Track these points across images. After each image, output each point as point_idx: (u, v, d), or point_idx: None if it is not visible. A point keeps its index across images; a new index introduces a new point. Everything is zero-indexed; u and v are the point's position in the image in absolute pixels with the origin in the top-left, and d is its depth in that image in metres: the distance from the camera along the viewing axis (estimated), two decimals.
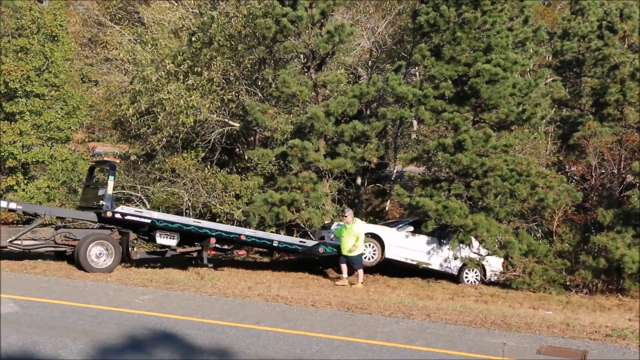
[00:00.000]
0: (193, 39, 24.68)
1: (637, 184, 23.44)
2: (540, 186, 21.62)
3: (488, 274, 21.75)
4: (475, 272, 21.61)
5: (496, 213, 21.53)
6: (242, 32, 24.89)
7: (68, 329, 10.08)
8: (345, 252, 19.20)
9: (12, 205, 17.55)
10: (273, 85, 23.72)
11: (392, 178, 28.78)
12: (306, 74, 23.48)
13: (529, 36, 23.25)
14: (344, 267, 19.35)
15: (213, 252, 19.17)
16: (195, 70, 24.44)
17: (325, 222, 22.13)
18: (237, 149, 28.31)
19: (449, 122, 21.92)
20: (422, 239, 21.42)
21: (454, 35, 21.82)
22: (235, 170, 26.55)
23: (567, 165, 26.11)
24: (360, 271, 19.28)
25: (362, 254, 19.48)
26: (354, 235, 19.04)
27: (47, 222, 17.86)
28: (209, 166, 25.40)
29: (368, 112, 27.72)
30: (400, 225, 21.70)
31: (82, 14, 41.45)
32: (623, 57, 25.04)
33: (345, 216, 19.52)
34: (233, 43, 25.04)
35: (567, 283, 21.32)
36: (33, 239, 17.04)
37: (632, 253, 20.13)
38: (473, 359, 10.20)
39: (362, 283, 18.97)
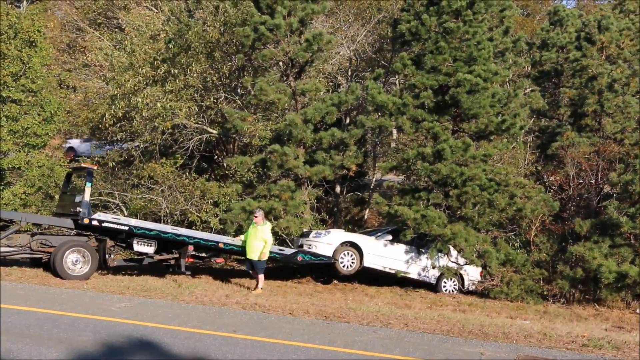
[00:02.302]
0: (170, 45, 24.61)
1: (614, 194, 23.60)
2: (518, 196, 21.72)
3: (466, 283, 21.82)
4: (454, 281, 21.66)
5: (474, 222, 21.59)
6: (220, 40, 24.85)
7: (43, 337, 9.96)
8: (249, 255, 18.19)
9: None
10: (252, 93, 23.68)
11: (371, 187, 28.83)
12: (285, 82, 23.47)
13: (508, 46, 23.39)
14: (261, 277, 18.22)
15: (191, 260, 19.07)
16: (173, 73, 24.35)
17: (304, 230, 22.09)
18: (216, 156, 28.21)
19: (428, 131, 21.97)
20: (401, 247, 21.44)
21: (436, 44, 21.89)
22: (213, 177, 26.45)
23: (545, 175, 26.25)
24: (261, 276, 18.17)
25: (265, 260, 18.27)
26: (262, 239, 18.00)
27: (23, 228, 17.68)
28: (187, 173, 25.30)
29: (347, 120, 27.76)
30: (379, 233, 21.71)
31: (60, 19, 41.20)
32: (601, 68, 25.26)
33: (255, 216, 18.40)
34: (210, 50, 24.98)
35: (545, 293, 21.42)
36: (8, 246, 16.83)
37: (609, 263, 20.26)
38: None
39: (261, 289, 17.95)
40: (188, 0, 27.09)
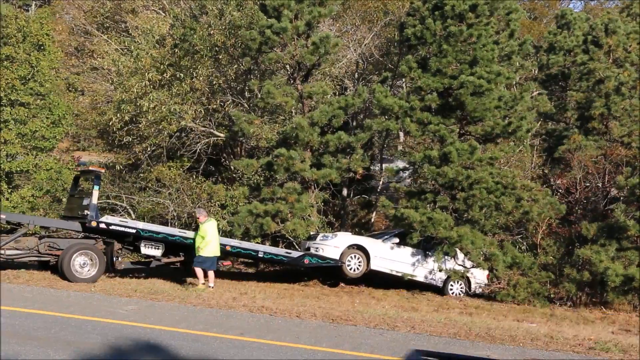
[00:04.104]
0: (175, 50, 24.70)
1: (621, 198, 23.56)
2: (525, 199, 21.71)
3: (473, 286, 21.81)
4: (460, 284, 21.66)
5: (481, 225, 21.59)
6: (225, 43, 24.90)
7: (50, 340, 10.01)
8: (197, 252, 17.54)
9: None
10: (259, 96, 23.74)
11: (378, 189, 28.82)
12: (292, 85, 23.51)
13: (514, 50, 23.36)
14: (197, 271, 17.53)
15: None
16: (178, 76, 24.44)
17: (311, 233, 22.12)
18: (223, 159, 28.27)
19: (434, 134, 21.99)
20: (408, 250, 21.45)
21: (440, 48, 21.94)
22: (221, 180, 26.52)
23: (552, 179, 26.22)
24: (210, 273, 17.49)
25: (214, 257, 17.61)
26: (201, 235, 17.53)
27: (30, 231, 17.74)
28: (194, 176, 25.36)
29: (354, 123, 27.78)
30: (386, 236, 21.73)
31: (68, 22, 41.31)
32: (608, 71, 25.20)
33: (198, 217, 18.12)
34: (215, 53, 25.05)
35: (551, 296, 21.40)
36: (16, 249, 16.91)
37: (616, 266, 20.24)
38: None
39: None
40: (192, 4, 27.19)
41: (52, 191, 23.33)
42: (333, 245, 20.47)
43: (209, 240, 17.44)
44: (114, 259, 17.72)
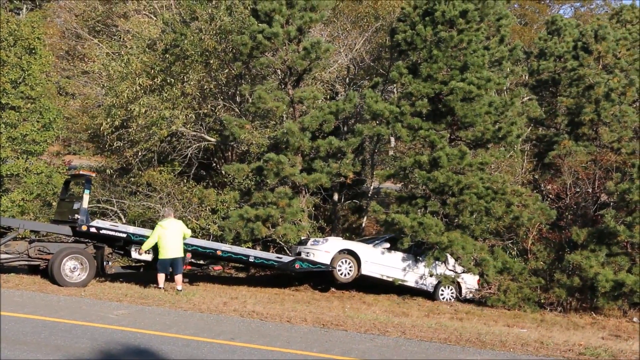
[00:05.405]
0: (166, 55, 24.68)
1: (611, 203, 23.65)
2: (515, 204, 21.76)
3: (463, 291, 21.84)
4: (451, 290, 21.69)
5: (472, 230, 21.62)
6: (217, 48, 24.89)
7: (40, 344, 9.98)
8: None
9: None
10: (250, 101, 23.74)
11: (369, 194, 28.85)
12: (283, 89, 23.52)
13: (505, 55, 23.44)
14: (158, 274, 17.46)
15: (189, 267, 19.07)
16: (169, 81, 24.42)
17: (302, 237, 22.12)
18: (214, 164, 28.25)
19: (425, 139, 22.03)
20: (398, 255, 21.47)
21: (430, 53, 21.99)
22: (211, 185, 26.50)
23: (542, 184, 26.29)
24: (178, 276, 17.18)
25: (167, 259, 17.08)
26: None
27: (20, 235, 17.68)
28: (185, 180, 25.34)
29: (345, 128, 27.80)
30: (377, 241, 21.74)
31: (59, 26, 41.26)
32: (598, 77, 25.31)
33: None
34: (206, 58, 25.04)
35: (542, 301, 21.44)
36: (6, 253, 16.85)
37: (606, 272, 20.28)
38: None
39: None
40: (182, 10, 27.16)
41: (42, 195, 23.30)
42: (324, 250, 20.47)
43: (156, 243, 17.14)
44: (105, 263, 17.68)
